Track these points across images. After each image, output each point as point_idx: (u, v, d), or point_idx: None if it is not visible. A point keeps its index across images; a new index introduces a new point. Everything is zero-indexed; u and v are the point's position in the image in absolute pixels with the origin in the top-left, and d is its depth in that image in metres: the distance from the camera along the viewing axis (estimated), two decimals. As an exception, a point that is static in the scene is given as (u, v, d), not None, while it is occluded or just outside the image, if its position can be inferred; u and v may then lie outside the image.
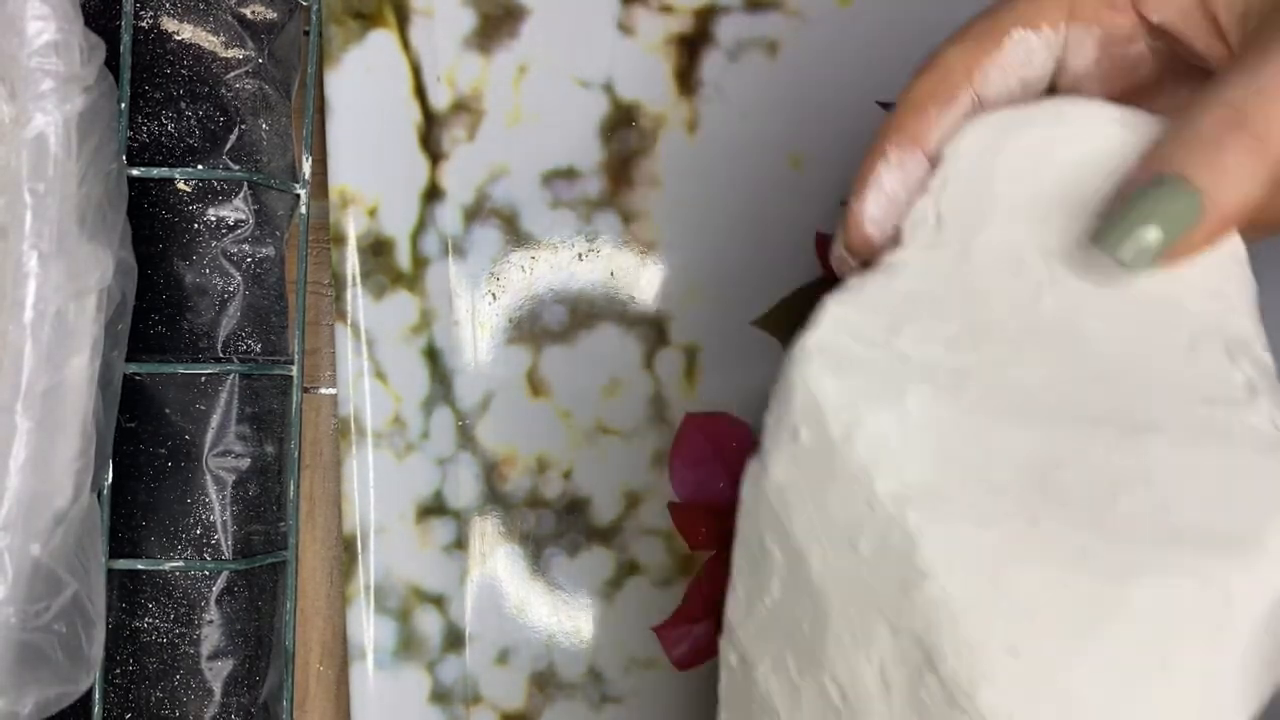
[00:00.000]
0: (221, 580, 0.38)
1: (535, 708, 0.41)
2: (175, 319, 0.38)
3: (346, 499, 0.41)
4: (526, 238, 0.42)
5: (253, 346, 0.39)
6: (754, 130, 0.41)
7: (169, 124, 0.38)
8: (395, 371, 0.41)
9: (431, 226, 0.41)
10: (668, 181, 0.41)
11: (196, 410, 0.38)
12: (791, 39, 0.41)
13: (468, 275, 0.42)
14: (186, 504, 0.38)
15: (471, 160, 0.42)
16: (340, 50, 0.41)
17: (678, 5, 0.41)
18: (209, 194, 0.38)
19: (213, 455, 0.38)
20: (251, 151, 0.39)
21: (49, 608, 0.32)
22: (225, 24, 0.38)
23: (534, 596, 0.41)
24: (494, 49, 0.42)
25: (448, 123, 0.42)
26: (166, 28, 0.38)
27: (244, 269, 0.39)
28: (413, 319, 0.41)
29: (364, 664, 0.40)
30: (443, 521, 0.41)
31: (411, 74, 0.41)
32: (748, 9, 0.41)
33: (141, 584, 0.38)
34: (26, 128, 0.32)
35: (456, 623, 0.41)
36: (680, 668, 0.41)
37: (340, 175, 0.41)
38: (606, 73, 0.42)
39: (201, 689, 0.38)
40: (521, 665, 0.41)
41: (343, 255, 0.41)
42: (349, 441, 0.41)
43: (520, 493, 0.41)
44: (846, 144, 0.41)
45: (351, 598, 0.40)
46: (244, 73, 0.39)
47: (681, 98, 0.42)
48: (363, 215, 0.41)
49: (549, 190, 0.42)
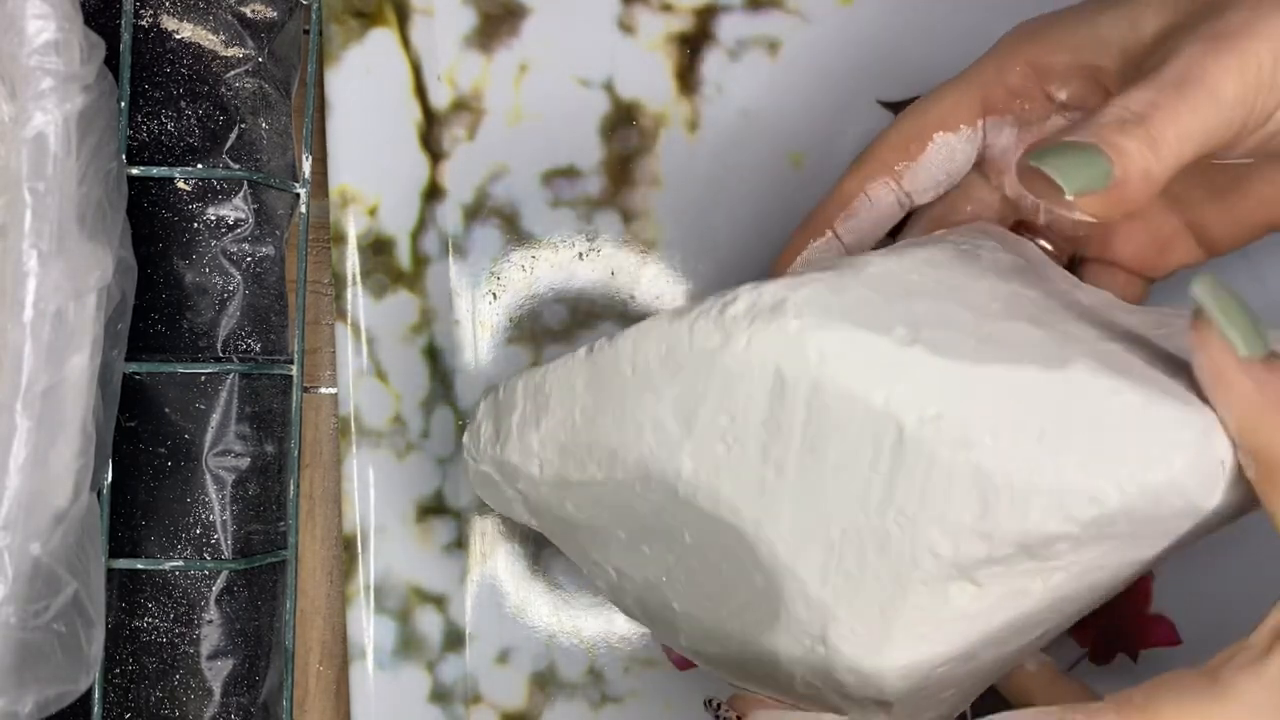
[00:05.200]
0: (221, 580, 0.38)
1: (535, 708, 0.41)
2: (175, 318, 0.38)
3: (346, 498, 0.41)
4: (527, 237, 0.42)
5: (253, 346, 0.39)
6: (754, 129, 0.41)
7: (169, 123, 0.38)
8: (395, 371, 0.41)
9: (432, 226, 0.41)
10: (668, 181, 0.41)
11: (196, 410, 0.38)
12: (792, 38, 0.41)
13: (468, 274, 0.41)
14: (186, 503, 0.38)
15: (472, 159, 0.41)
16: (340, 49, 0.41)
17: (678, 4, 0.41)
18: (209, 193, 0.38)
19: (213, 455, 0.38)
20: (251, 150, 0.39)
21: (49, 607, 0.32)
22: (225, 23, 0.38)
23: (534, 596, 0.41)
24: (494, 48, 0.41)
25: (448, 122, 0.41)
26: (166, 26, 0.38)
27: (244, 268, 0.39)
28: (413, 318, 0.41)
29: (364, 664, 0.40)
30: (443, 521, 0.41)
31: (412, 73, 0.41)
32: (748, 8, 0.41)
33: (141, 583, 0.38)
34: (26, 127, 0.32)
35: (456, 622, 0.41)
36: (680, 668, 0.41)
37: (340, 174, 0.41)
38: (607, 72, 0.42)
39: (201, 689, 0.38)
40: (521, 665, 0.41)
41: (343, 254, 0.41)
42: (349, 441, 0.41)
43: (520, 492, 0.41)
44: (847, 143, 0.41)
45: (351, 598, 0.40)
46: (244, 71, 0.39)
47: (682, 97, 0.42)
48: (363, 214, 0.41)
49: (549, 189, 0.42)
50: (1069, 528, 0.27)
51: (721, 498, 0.29)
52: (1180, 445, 0.27)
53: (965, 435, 0.26)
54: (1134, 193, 0.27)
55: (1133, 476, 0.26)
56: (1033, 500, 0.26)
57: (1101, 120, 0.27)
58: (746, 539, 0.29)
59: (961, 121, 0.33)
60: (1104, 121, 0.27)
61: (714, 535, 0.30)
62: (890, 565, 0.28)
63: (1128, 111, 0.27)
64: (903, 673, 0.29)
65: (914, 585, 0.28)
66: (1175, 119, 0.27)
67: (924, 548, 0.27)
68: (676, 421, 0.29)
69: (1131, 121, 0.27)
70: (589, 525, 0.32)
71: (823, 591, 0.28)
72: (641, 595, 0.33)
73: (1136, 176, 0.27)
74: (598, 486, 0.31)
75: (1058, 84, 0.32)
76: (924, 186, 0.35)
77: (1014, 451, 0.26)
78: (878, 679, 0.29)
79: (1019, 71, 0.32)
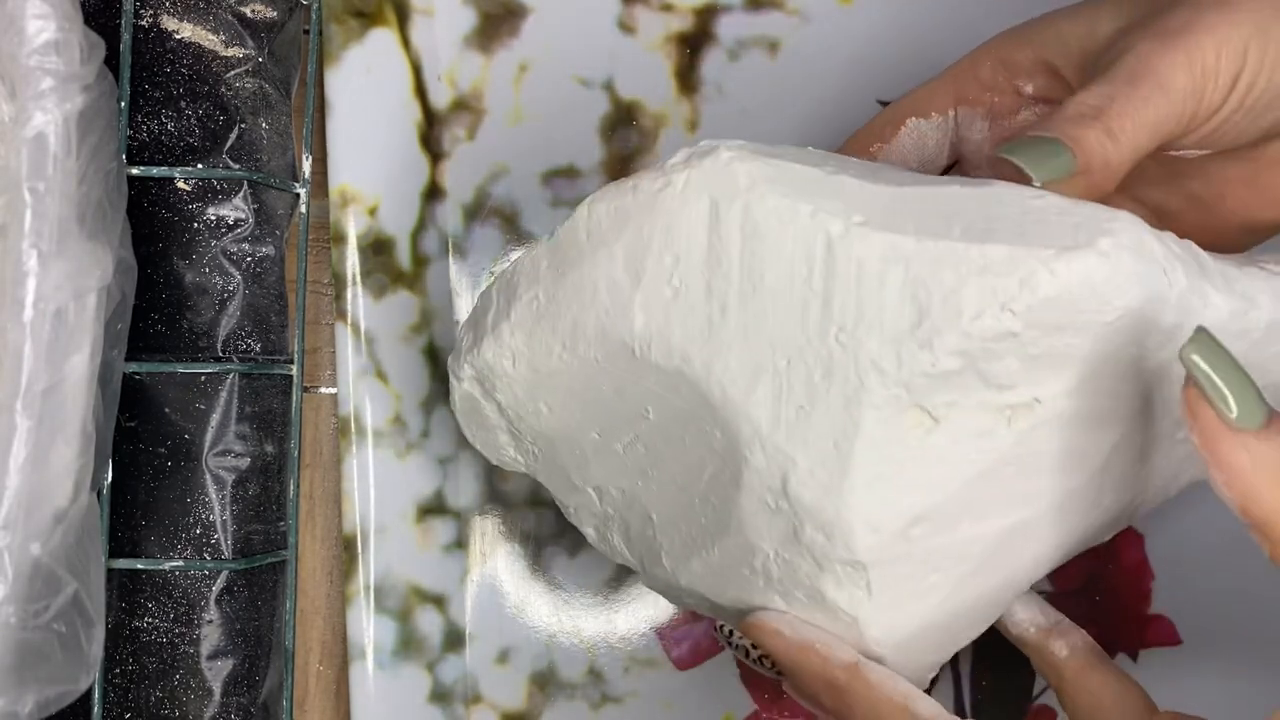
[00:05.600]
0: (221, 580, 0.38)
1: (535, 708, 0.41)
2: (175, 318, 0.38)
3: (346, 498, 0.41)
4: (527, 237, 0.42)
5: (253, 346, 0.39)
6: (754, 129, 0.41)
7: (169, 123, 0.38)
8: (395, 371, 0.41)
9: (432, 226, 0.41)
10: (668, 181, 0.41)
11: (196, 409, 0.38)
12: (792, 38, 0.41)
13: (468, 274, 0.41)
14: (186, 503, 0.38)
15: (472, 159, 0.42)
16: (340, 49, 0.41)
17: (678, 4, 0.41)
18: (209, 193, 0.38)
19: (213, 455, 0.38)
20: (251, 150, 0.39)
21: (49, 607, 0.32)
22: (225, 23, 0.38)
23: (534, 596, 0.41)
24: (494, 48, 0.42)
25: (448, 122, 0.42)
26: (166, 26, 0.38)
27: (244, 268, 0.39)
28: (413, 318, 0.41)
29: (364, 664, 0.40)
30: (443, 521, 0.41)
31: (412, 73, 0.41)
32: (748, 8, 0.41)
33: (141, 583, 0.38)
34: (26, 126, 0.32)
35: (456, 622, 0.41)
36: (680, 668, 0.41)
37: (340, 174, 0.41)
38: (607, 72, 0.42)
39: (201, 689, 0.38)
40: (521, 665, 0.41)
41: (343, 254, 0.41)
42: (349, 441, 0.41)
43: (521, 492, 0.41)
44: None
45: (351, 597, 0.40)
46: (244, 71, 0.39)
47: (682, 97, 0.42)
48: (363, 214, 0.41)
49: (549, 189, 0.42)
50: (1007, 322, 0.26)
51: (674, 345, 0.29)
52: (1107, 232, 0.27)
53: (891, 241, 0.27)
54: (1097, 179, 0.29)
55: (1059, 256, 0.26)
56: (964, 293, 0.27)
57: (1064, 115, 0.29)
58: (699, 388, 0.29)
59: (934, 109, 0.35)
60: (1066, 115, 0.29)
61: (672, 398, 0.30)
62: (838, 390, 0.28)
63: (1086, 106, 0.29)
64: (870, 522, 0.28)
65: (865, 412, 0.28)
66: (1130, 111, 0.29)
67: (867, 364, 0.27)
68: (626, 274, 0.30)
69: (1090, 115, 0.29)
70: (564, 433, 0.33)
71: (777, 433, 0.29)
72: (623, 516, 0.34)
73: (1098, 165, 0.29)
74: (564, 373, 0.32)
75: (1024, 78, 0.34)
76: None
77: (940, 249, 0.27)
78: (844, 529, 0.28)
79: (989, 65, 0.34)
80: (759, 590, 0.31)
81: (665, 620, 0.41)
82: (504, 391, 0.33)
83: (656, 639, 0.41)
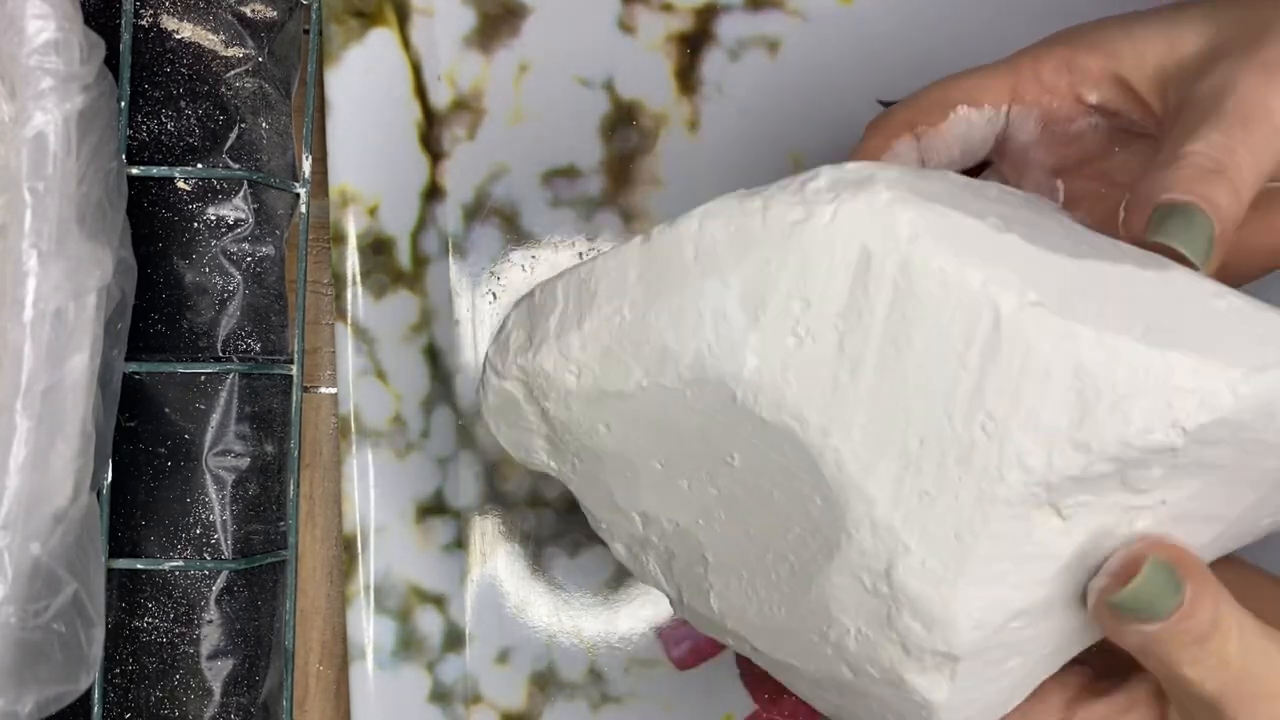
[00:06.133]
0: (221, 580, 0.38)
1: (535, 708, 0.41)
2: (175, 318, 0.38)
3: (346, 498, 0.41)
4: (527, 237, 0.42)
5: (252, 346, 0.39)
6: (755, 129, 0.41)
7: (169, 123, 0.38)
8: (395, 371, 0.41)
9: (432, 225, 0.41)
10: (668, 181, 0.41)
11: (196, 409, 0.38)
12: (792, 38, 0.41)
13: (468, 274, 0.41)
14: (186, 503, 0.38)
15: (472, 159, 0.41)
16: (340, 49, 0.41)
17: (678, 4, 0.41)
18: (209, 193, 0.38)
19: (212, 455, 0.38)
20: (251, 150, 0.39)
21: (48, 607, 0.32)
22: (225, 22, 0.38)
23: (534, 596, 0.41)
24: (494, 48, 0.41)
25: (448, 122, 0.41)
26: (166, 26, 0.38)
27: (244, 268, 0.39)
28: (413, 318, 0.41)
29: (364, 664, 0.40)
30: (443, 521, 0.41)
31: (412, 73, 0.41)
32: (748, 8, 0.41)
33: (141, 584, 0.38)
34: (26, 126, 0.32)
35: (456, 622, 0.41)
36: (680, 668, 0.41)
37: (340, 174, 0.41)
38: (607, 71, 0.42)
39: (201, 689, 0.38)
40: (521, 665, 0.41)
41: (343, 254, 0.41)
42: (349, 441, 0.41)
43: (521, 492, 0.41)
44: (847, 143, 0.41)
45: (351, 597, 0.40)
46: (244, 71, 0.39)
47: (682, 96, 0.42)
48: (363, 214, 0.41)
49: (549, 189, 0.42)
50: (1173, 439, 0.24)
51: (786, 401, 0.26)
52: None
53: (1068, 329, 0.24)
54: (1226, 240, 0.27)
55: (1246, 379, 0.24)
56: (1137, 402, 0.24)
57: (1185, 171, 0.27)
58: (810, 452, 0.26)
59: (987, 100, 0.33)
60: (1188, 173, 0.27)
61: (770, 452, 0.27)
62: (972, 481, 0.25)
63: (1207, 159, 0.27)
64: (976, 619, 0.26)
65: (996, 507, 0.25)
66: (1251, 162, 0.27)
67: (1012, 458, 0.25)
68: (742, 310, 0.26)
69: (1213, 169, 0.27)
70: (620, 455, 0.29)
71: (893, 515, 0.26)
72: (669, 547, 0.30)
73: (1230, 226, 0.27)
74: (640, 399, 0.28)
75: (1089, 87, 0.32)
76: (936, 157, 0.34)
77: (1120, 348, 0.24)
78: (948, 623, 0.26)
79: (1053, 66, 0.32)
80: (825, 659, 0.28)
81: (665, 620, 0.41)
82: (557, 403, 0.29)
83: (656, 639, 0.41)
